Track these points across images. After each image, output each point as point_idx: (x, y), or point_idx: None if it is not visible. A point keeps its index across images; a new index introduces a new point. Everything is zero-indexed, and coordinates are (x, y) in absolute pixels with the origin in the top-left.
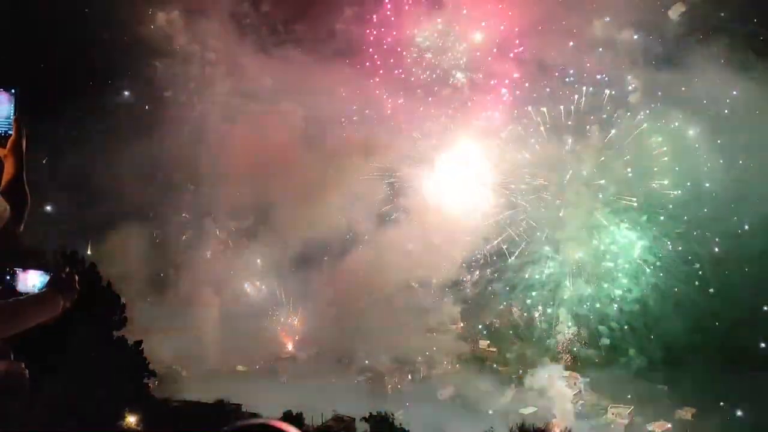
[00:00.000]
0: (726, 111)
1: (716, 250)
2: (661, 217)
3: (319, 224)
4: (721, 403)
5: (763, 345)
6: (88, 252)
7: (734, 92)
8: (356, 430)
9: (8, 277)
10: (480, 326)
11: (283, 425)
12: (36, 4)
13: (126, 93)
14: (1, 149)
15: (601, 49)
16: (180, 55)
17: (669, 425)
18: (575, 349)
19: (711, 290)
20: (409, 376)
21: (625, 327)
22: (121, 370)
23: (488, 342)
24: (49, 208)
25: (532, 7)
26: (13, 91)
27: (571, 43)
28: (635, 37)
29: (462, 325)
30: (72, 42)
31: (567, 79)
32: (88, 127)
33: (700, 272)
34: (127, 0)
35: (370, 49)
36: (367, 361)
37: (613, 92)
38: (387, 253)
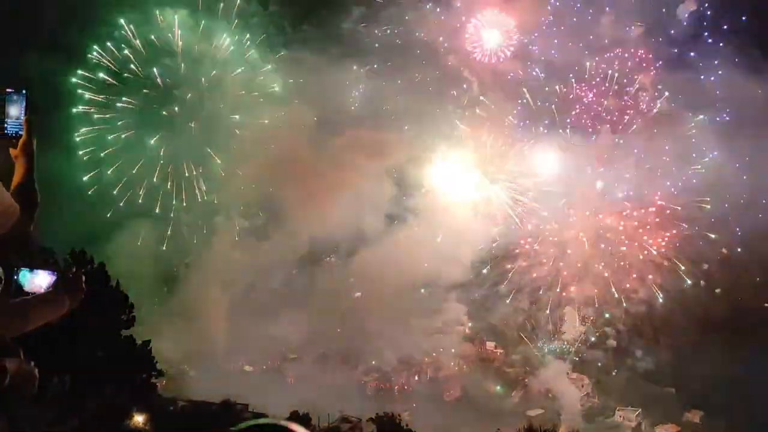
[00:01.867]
0: (736, 112)
1: (724, 251)
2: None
3: (327, 224)
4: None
5: None
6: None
7: (746, 93)
8: (363, 431)
9: (16, 277)
10: (486, 327)
11: (292, 425)
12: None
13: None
14: (12, 150)
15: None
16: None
17: (677, 428)
18: (582, 350)
19: (717, 290)
20: (416, 377)
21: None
22: (129, 370)
23: (495, 343)
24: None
25: (541, 7)
26: (23, 92)
27: (580, 44)
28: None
29: (468, 326)
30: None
31: (574, 76)
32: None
33: (708, 273)
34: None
35: (380, 49)
36: (373, 362)
37: (625, 95)
38: (394, 253)
